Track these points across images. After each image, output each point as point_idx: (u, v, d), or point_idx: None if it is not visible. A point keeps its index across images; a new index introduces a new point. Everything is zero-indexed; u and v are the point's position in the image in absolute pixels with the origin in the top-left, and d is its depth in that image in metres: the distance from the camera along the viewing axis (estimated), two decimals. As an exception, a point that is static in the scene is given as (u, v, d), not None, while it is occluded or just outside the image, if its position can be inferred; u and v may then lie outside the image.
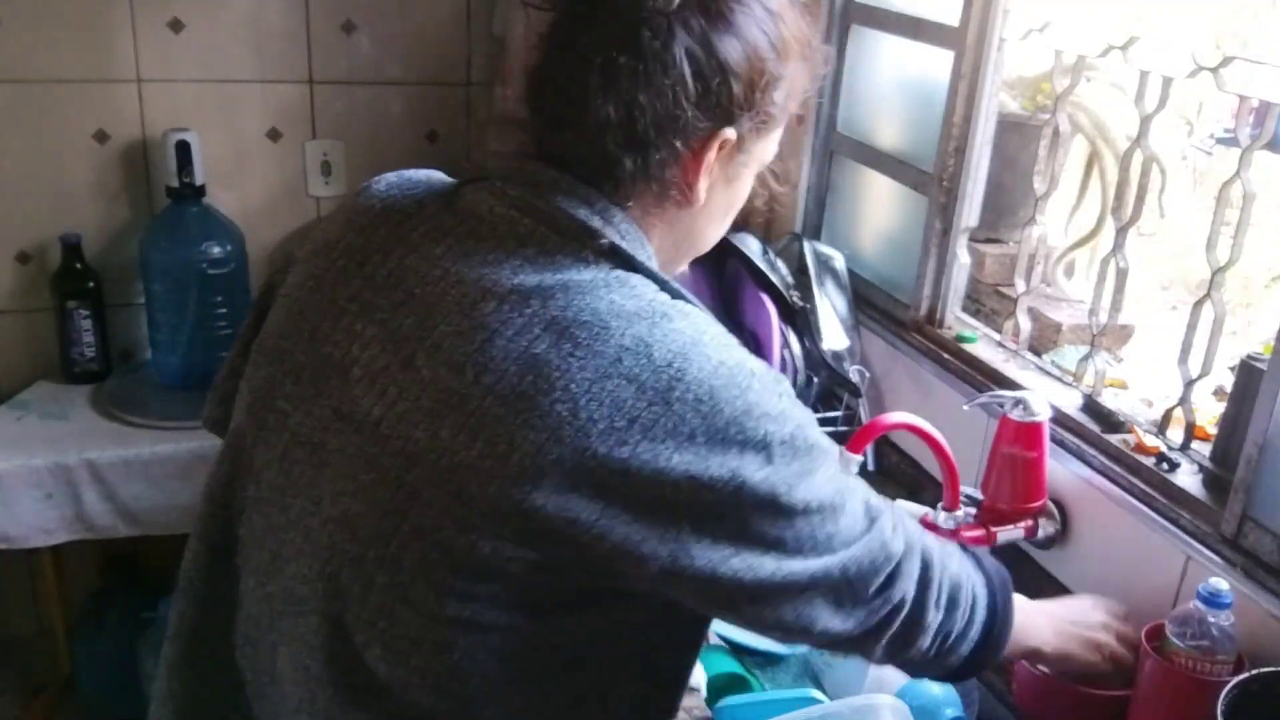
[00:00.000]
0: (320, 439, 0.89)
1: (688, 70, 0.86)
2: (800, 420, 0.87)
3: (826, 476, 0.89)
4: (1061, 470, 1.46)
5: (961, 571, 1.03)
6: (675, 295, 0.88)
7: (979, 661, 1.05)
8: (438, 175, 0.98)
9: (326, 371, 0.89)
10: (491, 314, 0.83)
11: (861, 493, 0.95)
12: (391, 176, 0.98)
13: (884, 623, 0.96)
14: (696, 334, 0.84)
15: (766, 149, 0.97)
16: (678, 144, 0.88)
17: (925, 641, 1.00)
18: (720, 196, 0.96)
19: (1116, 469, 1.38)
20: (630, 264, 0.87)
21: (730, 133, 0.90)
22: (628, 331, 0.82)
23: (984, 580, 1.06)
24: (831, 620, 0.92)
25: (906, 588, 0.96)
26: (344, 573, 0.87)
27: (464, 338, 0.83)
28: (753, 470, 0.83)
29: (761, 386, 0.85)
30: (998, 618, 1.05)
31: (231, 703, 0.98)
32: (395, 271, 0.89)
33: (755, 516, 0.84)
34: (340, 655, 0.89)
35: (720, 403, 0.82)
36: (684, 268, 1.02)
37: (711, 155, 0.90)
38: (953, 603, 1.01)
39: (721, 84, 0.88)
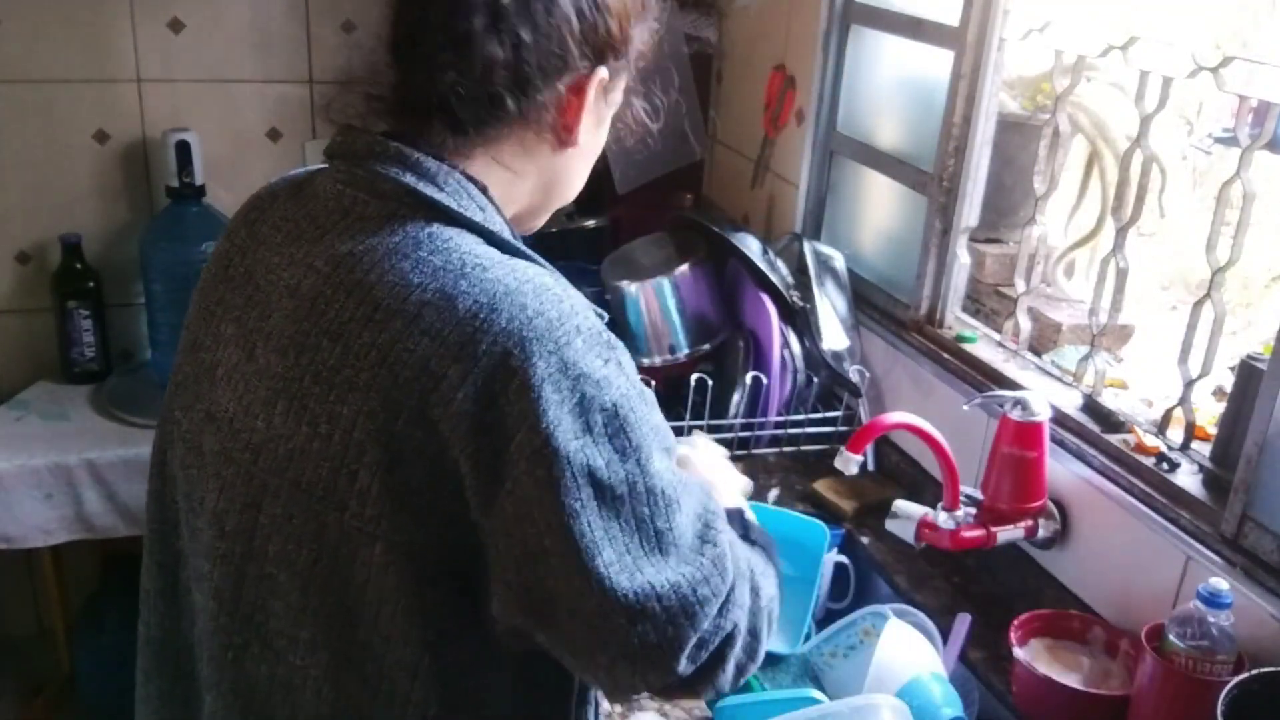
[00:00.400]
0: (198, 442, 0.91)
1: (570, 6, 0.87)
2: (627, 392, 0.82)
3: (660, 465, 0.84)
4: (1061, 470, 1.46)
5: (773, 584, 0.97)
6: (510, 251, 0.86)
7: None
8: (315, 169, 0.96)
9: (200, 376, 0.92)
10: (309, 291, 0.84)
11: (699, 498, 0.88)
12: (273, 178, 0.99)
13: (715, 658, 0.88)
14: (515, 283, 0.81)
15: (619, 94, 0.99)
16: (560, 83, 0.88)
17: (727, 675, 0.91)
18: (590, 140, 0.96)
19: (1116, 469, 1.38)
20: (452, 219, 0.85)
21: (604, 72, 0.91)
22: (429, 286, 0.80)
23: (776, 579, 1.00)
24: (655, 657, 0.83)
25: (738, 618, 0.88)
26: (217, 570, 0.89)
27: (289, 319, 0.85)
28: (568, 437, 0.79)
29: (585, 345, 0.81)
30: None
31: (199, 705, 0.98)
32: (248, 268, 0.91)
33: (573, 486, 0.79)
34: (236, 660, 0.90)
35: (533, 356, 0.78)
36: (540, 222, 1.01)
37: (591, 95, 0.91)
38: (756, 634, 0.93)
39: (600, 20, 0.88)
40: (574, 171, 0.99)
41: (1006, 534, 1.45)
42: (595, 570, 0.80)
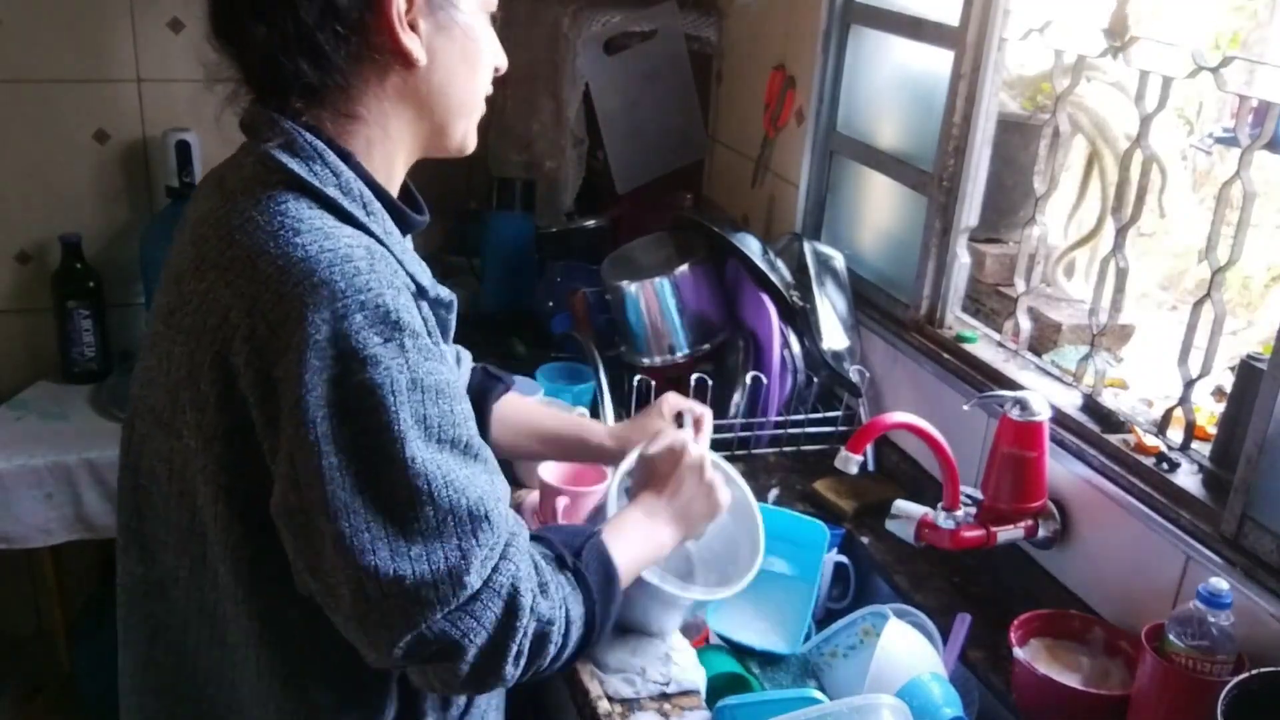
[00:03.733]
0: (131, 419, 1.02)
1: None
2: (394, 376, 0.85)
3: (416, 452, 0.86)
4: (1061, 470, 1.46)
5: (554, 610, 0.97)
6: (346, 218, 0.90)
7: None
8: None
9: (139, 356, 1.02)
10: (179, 246, 0.96)
11: (481, 502, 0.90)
12: None
13: (441, 656, 0.90)
14: (316, 251, 0.86)
15: None
16: (350, 19, 0.90)
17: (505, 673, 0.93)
18: (447, 49, 0.97)
19: (1116, 469, 1.38)
20: (296, 185, 0.90)
21: None
22: (244, 244, 0.88)
23: (580, 597, 1.01)
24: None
25: (469, 628, 0.89)
26: (119, 482, 1.03)
27: (168, 267, 0.97)
28: (319, 404, 0.84)
29: (364, 320, 0.85)
30: (595, 626, 1.02)
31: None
32: (173, 250, 1.00)
33: (318, 451, 0.84)
34: (123, 562, 1.05)
35: (305, 323, 0.83)
36: (462, 137, 1.03)
37: (396, 12, 0.91)
38: (537, 649, 0.95)
39: None
40: (448, 87, 0.99)
41: (1006, 534, 1.45)
42: (331, 533, 0.85)
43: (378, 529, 0.86)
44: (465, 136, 1.04)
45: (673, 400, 1.42)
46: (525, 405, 1.49)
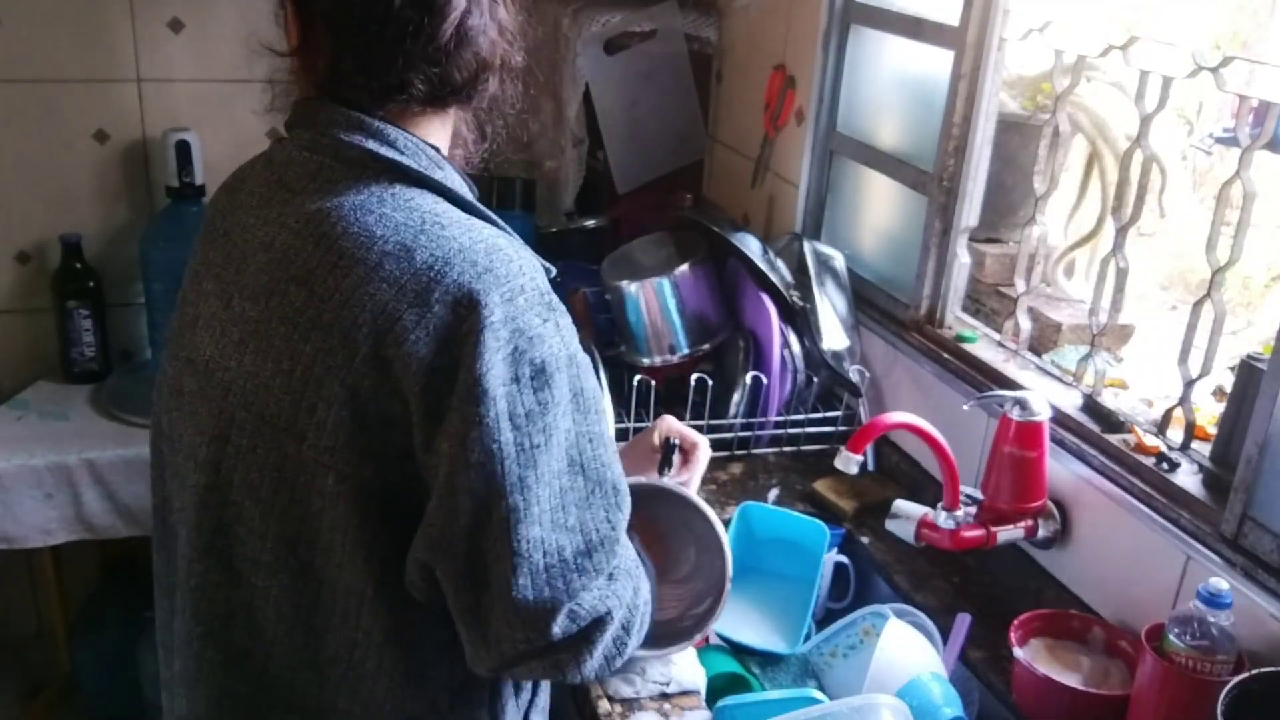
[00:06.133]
0: (179, 385, 1.00)
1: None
2: (558, 352, 0.90)
3: (574, 424, 0.91)
4: (1061, 470, 1.46)
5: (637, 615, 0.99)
6: (468, 209, 0.94)
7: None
8: (276, 142, 1.05)
9: (183, 328, 1.01)
10: (281, 245, 0.93)
11: (617, 477, 0.94)
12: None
13: (583, 637, 0.92)
14: (469, 241, 0.89)
15: None
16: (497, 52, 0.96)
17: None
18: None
19: (1116, 469, 1.38)
20: (413, 179, 0.93)
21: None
22: (391, 239, 0.89)
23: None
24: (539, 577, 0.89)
25: (613, 605, 0.93)
26: (190, 501, 0.98)
27: (262, 270, 0.93)
28: (497, 382, 0.86)
29: (526, 303, 0.89)
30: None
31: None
32: (228, 230, 0.99)
33: (494, 428, 0.86)
34: (199, 586, 0.99)
35: (479, 308, 0.86)
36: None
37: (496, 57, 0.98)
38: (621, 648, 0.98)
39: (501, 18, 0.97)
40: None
41: (1006, 534, 1.45)
42: (500, 511, 0.87)
43: (544, 502, 0.88)
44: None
45: (668, 425, 1.36)
46: None
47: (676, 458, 1.33)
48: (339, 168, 0.93)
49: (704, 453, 1.35)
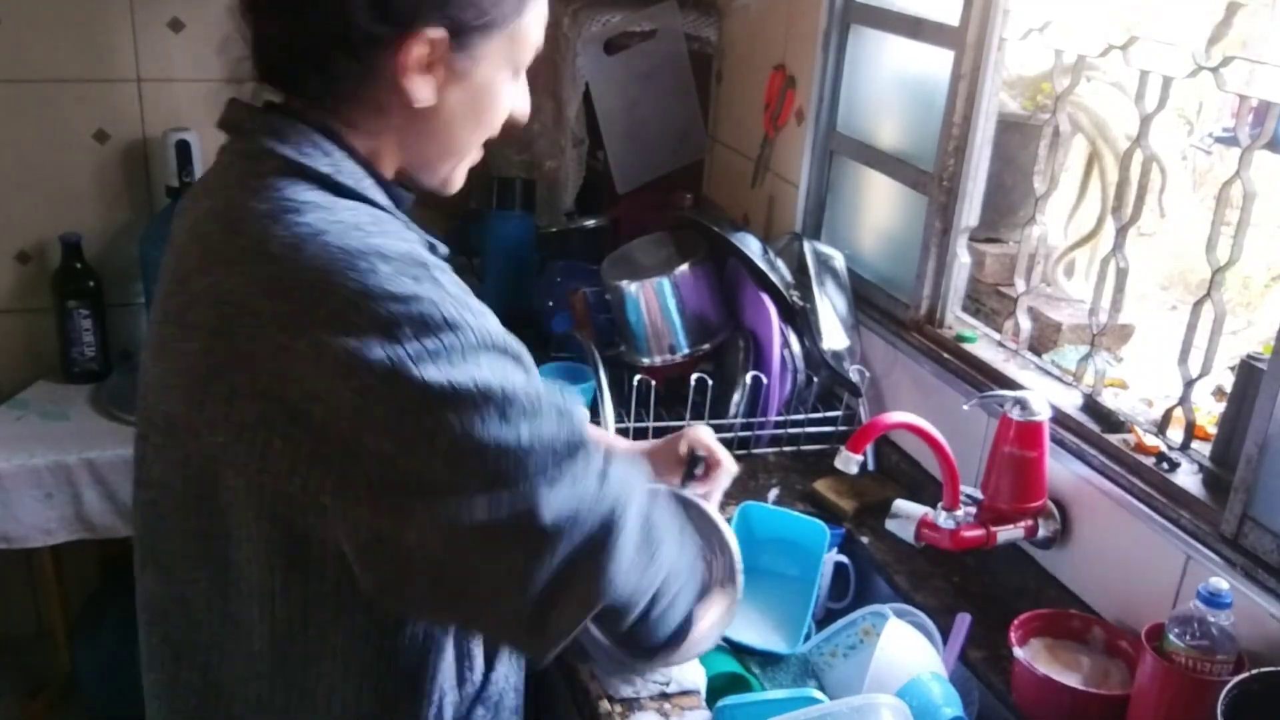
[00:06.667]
0: (145, 433, 0.99)
1: None
2: (440, 298, 0.84)
3: (489, 366, 0.85)
4: (1061, 470, 1.46)
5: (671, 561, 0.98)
6: (347, 193, 0.90)
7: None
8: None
9: (141, 363, 1.00)
10: (178, 248, 0.95)
11: (570, 420, 0.89)
12: None
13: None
14: (325, 224, 0.85)
15: (510, 46, 0.96)
16: (362, 52, 0.89)
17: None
18: (459, 97, 0.95)
19: (1116, 469, 1.38)
20: (293, 170, 0.90)
21: (432, 33, 0.90)
22: (250, 231, 0.86)
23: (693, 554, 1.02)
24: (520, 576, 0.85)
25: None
26: (134, 499, 1.02)
27: (168, 273, 0.95)
28: (375, 353, 0.81)
29: (393, 270, 0.83)
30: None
31: None
32: (170, 255, 0.98)
33: (378, 394, 0.81)
34: (141, 579, 1.02)
35: (335, 288, 0.82)
36: (446, 177, 1.02)
37: (411, 58, 0.90)
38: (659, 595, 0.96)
39: None
40: (451, 131, 0.98)
41: (1006, 534, 1.45)
42: (410, 464, 0.82)
43: (426, 469, 0.83)
44: (449, 177, 1.03)
45: (696, 435, 1.32)
46: None
47: (699, 471, 1.30)
48: (236, 165, 0.94)
49: (728, 471, 1.32)
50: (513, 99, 1.01)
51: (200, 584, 0.95)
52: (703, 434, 1.32)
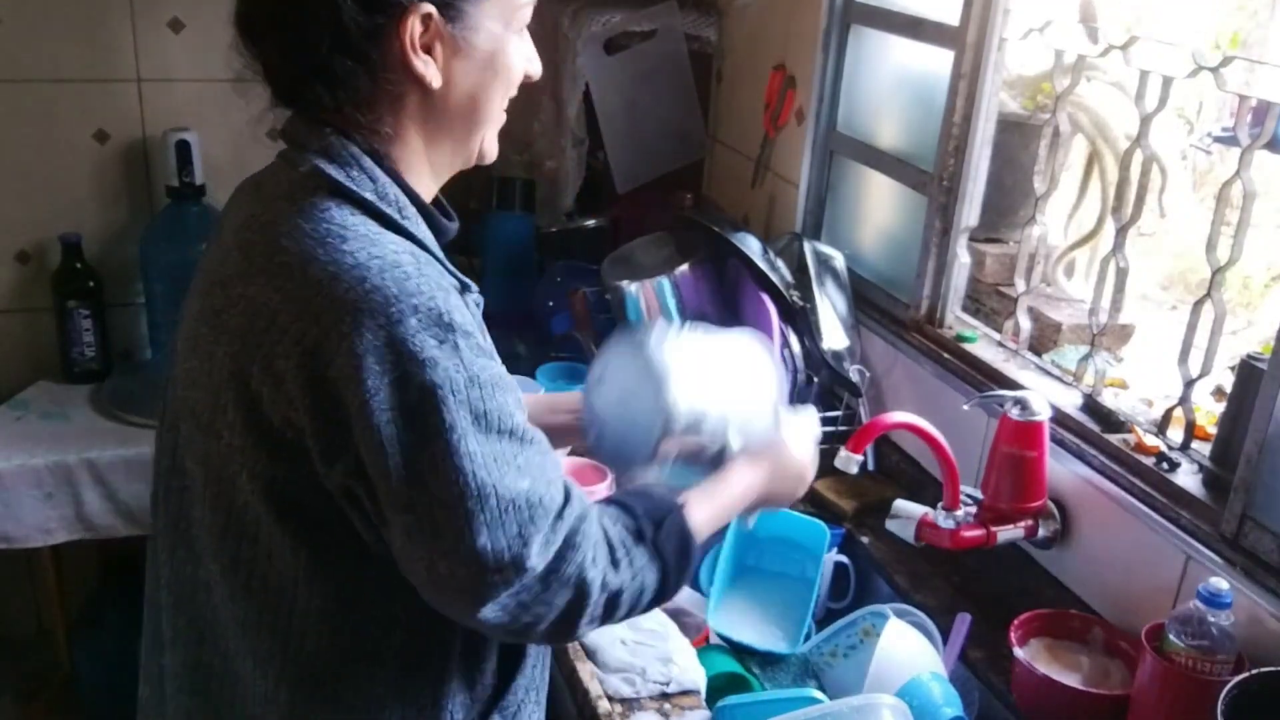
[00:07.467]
0: (174, 422, 1.02)
1: None
2: (453, 375, 0.87)
3: (475, 448, 0.87)
4: (1061, 470, 1.46)
5: (625, 581, 0.99)
6: (388, 224, 0.92)
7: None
8: None
9: (175, 351, 1.03)
10: (220, 251, 0.97)
11: (542, 494, 0.91)
12: None
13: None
14: (365, 258, 0.88)
15: (501, 7, 0.97)
16: (359, 50, 0.91)
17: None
18: (466, 70, 0.96)
19: (1116, 469, 1.38)
20: (338, 191, 0.92)
21: (422, 8, 0.91)
22: (292, 249, 0.89)
23: (657, 568, 1.01)
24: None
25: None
26: (160, 485, 1.04)
27: (208, 271, 0.98)
28: (382, 408, 0.85)
29: (419, 324, 0.86)
30: (668, 591, 1.03)
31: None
32: (210, 254, 1.01)
33: (382, 454, 0.86)
34: (170, 562, 1.05)
35: (361, 328, 0.85)
36: (481, 148, 1.04)
37: (408, 40, 0.91)
38: (609, 613, 0.98)
39: None
40: (467, 107, 0.99)
41: (1006, 534, 1.45)
42: (400, 523, 0.88)
43: (443, 522, 0.87)
44: (486, 146, 1.05)
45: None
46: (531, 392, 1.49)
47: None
48: (284, 177, 0.95)
49: None
50: (522, 56, 1.02)
51: (221, 575, 0.98)
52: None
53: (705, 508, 1.11)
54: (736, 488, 1.18)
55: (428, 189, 1.02)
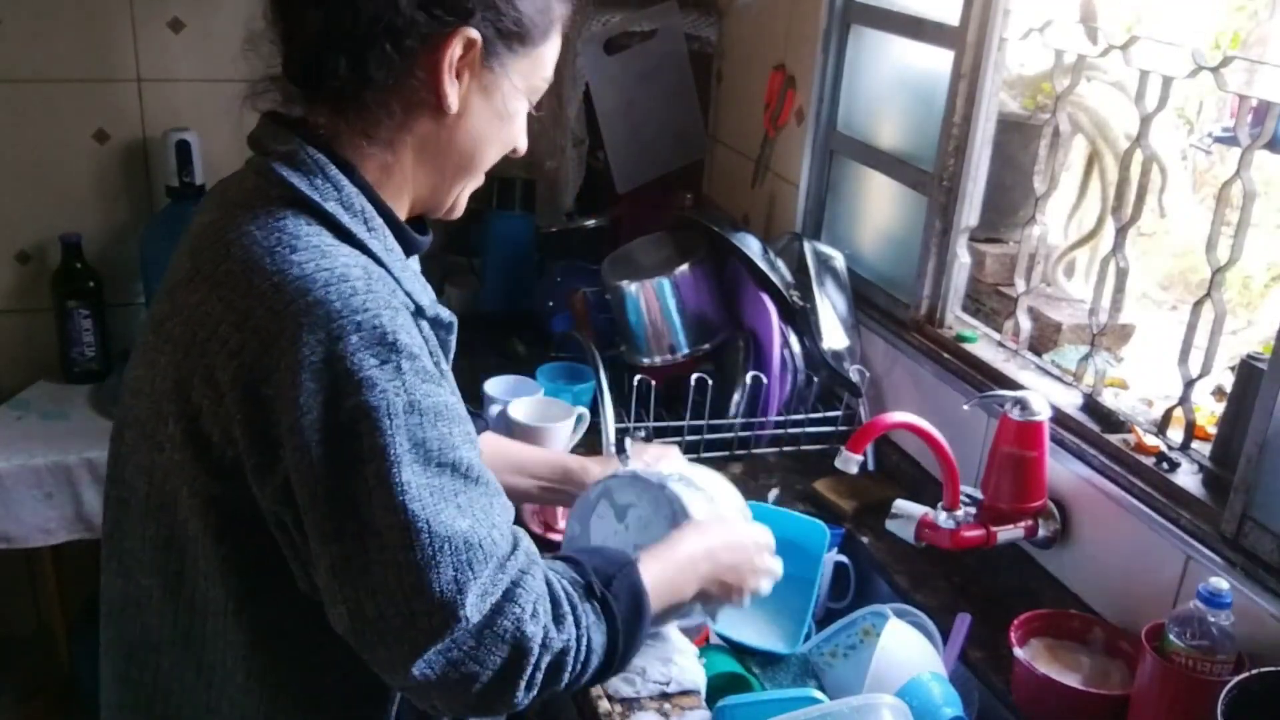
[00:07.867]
0: (119, 429, 1.00)
1: None
2: (390, 399, 0.83)
3: (409, 478, 0.84)
4: (1061, 470, 1.46)
5: (570, 640, 0.93)
6: (345, 236, 0.89)
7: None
8: None
9: (129, 366, 1.00)
10: (177, 255, 0.95)
11: (475, 527, 0.87)
12: None
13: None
14: (312, 270, 0.84)
15: (531, 69, 0.97)
16: (404, 44, 0.88)
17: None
18: (481, 110, 0.95)
19: (1116, 469, 1.38)
20: (296, 201, 0.89)
21: (471, 33, 0.90)
22: (239, 258, 0.86)
23: (604, 627, 0.97)
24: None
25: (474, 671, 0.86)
26: (106, 492, 1.01)
27: (163, 279, 0.96)
28: (313, 428, 0.82)
29: (360, 342, 0.83)
30: (617, 656, 0.99)
31: None
32: (172, 260, 0.98)
33: (310, 477, 0.83)
34: (105, 574, 1.06)
35: (299, 343, 0.82)
36: (454, 199, 1.01)
37: (450, 55, 0.90)
38: (551, 677, 0.92)
39: None
40: (468, 146, 0.97)
41: (1006, 534, 1.45)
42: (325, 555, 0.84)
43: (373, 554, 0.83)
44: (460, 199, 1.03)
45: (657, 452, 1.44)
46: (503, 443, 1.47)
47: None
48: (247, 182, 0.93)
49: (672, 457, 1.42)
50: (520, 127, 1.01)
51: (154, 592, 0.95)
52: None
53: (656, 565, 1.07)
54: (686, 548, 1.14)
55: (401, 208, 0.98)
